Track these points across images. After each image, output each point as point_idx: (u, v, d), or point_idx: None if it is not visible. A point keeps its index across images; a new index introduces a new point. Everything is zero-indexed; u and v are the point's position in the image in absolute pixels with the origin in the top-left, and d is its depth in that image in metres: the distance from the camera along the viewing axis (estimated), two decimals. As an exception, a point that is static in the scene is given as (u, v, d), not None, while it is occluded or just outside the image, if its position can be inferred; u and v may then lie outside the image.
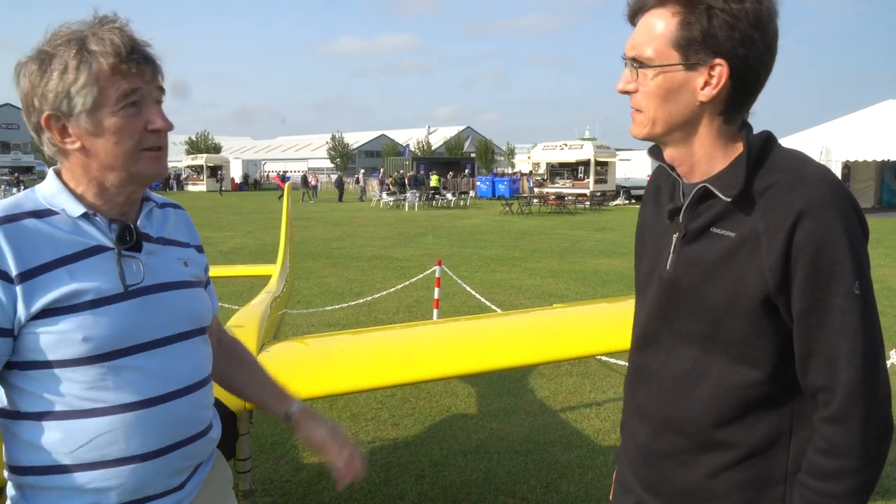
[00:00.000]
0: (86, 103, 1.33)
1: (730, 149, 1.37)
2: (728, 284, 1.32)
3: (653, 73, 1.33)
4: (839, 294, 1.24)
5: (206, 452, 1.57)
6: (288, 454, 4.63)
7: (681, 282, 1.40)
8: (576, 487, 4.12)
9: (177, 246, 1.58)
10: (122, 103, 1.36)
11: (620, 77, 1.40)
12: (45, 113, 1.35)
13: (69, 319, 1.32)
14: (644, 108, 1.37)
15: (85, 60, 1.32)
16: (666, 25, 1.31)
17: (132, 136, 1.38)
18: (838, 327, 1.24)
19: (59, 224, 1.37)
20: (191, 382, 1.48)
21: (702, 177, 1.39)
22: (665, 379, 1.46)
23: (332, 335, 5.59)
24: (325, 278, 11.78)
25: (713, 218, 1.35)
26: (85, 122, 1.35)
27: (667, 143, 1.42)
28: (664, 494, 1.48)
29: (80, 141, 1.37)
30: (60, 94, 1.33)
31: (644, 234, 1.59)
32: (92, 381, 1.35)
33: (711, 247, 1.35)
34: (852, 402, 1.24)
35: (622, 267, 13.05)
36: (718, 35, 1.27)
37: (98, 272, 1.37)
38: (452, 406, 5.58)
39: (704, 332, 1.37)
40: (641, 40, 1.34)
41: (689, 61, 1.30)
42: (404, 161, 51.16)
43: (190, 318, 1.51)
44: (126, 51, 1.34)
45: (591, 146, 35.45)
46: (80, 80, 1.32)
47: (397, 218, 26.20)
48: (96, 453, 1.35)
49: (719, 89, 1.30)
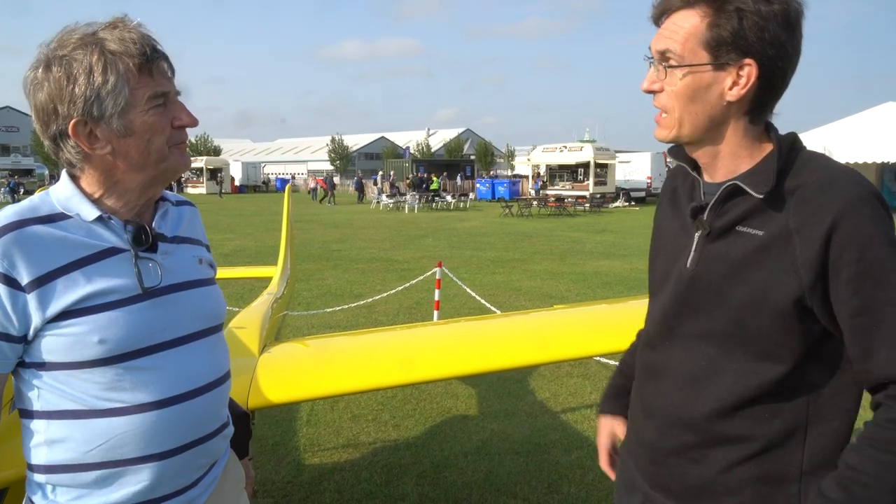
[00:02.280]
0: (117, 104, 1.32)
1: (756, 148, 1.38)
2: (755, 283, 1.31)
3: (681, 72, 1.34)
4: (892, 288, 1.23)
5: (222, 450, 1.58)
6: (289, 455, 4.64)
7: (702, 279, 1.40)
8: (576, 488, 4.12)
9: (191, 244, 1.58)
10: (153, 103, 1.36)
11: (645, 77, 1.41)
12: (74, 119, 1.32)
13: (85, 322, 1.32)
14: (670, 108, 1.38)
15: (111, 63, 1.31)
16: (695, 26, 1.31)
17: (163, 134, 1.39)
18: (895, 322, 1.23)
19: (73, 228, 1.37)
20: (208, 381, 1.49)
21: (726, 176, 1.39)
22: (678, 376, 1.45)
23: (333, 336, 5.60)
24: (326, 280, 11.79)
25: (740, 216, 1.35)
26: (117, 124, 1.34)
27: (692, 145, 1.43)
28: (674, 492, 1.47)
29: (110, 144, 1.36)
30: (90, 98, 1.31)
31: (661, 235, 1.58)
32: (109, 382, 1.35)
33: (737, 245, 1.35)
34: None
35: (622, 269, 13.06)
36: (748, 36, 1.28)
37: (114, 274, 1.37)
38: (453, 407, 5.59)
39: (725, 329, 1.36)
40: (669, 40, 1.35)
41: (719, 61, 1.31)
42: (404, 163, 51.20)
43: (206, 317, 1.52)
44: (150, 50, 1.35)
45: (591, 148, 35.51)
46: (110, 82, 1.31)
47: (397, 220, 26.21)
48: (114, 452, 1.36)
49: (748, 89, 1.31)
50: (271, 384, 2.68)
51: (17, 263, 1.29)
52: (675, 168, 1.59)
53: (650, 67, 1.40)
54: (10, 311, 1.30)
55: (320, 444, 4.84)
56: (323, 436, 4.98)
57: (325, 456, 4.66)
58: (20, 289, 1.29)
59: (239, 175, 54.86)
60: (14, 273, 1.29)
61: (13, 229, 1.31)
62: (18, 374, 1.39)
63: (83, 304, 1.32)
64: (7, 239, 1.30)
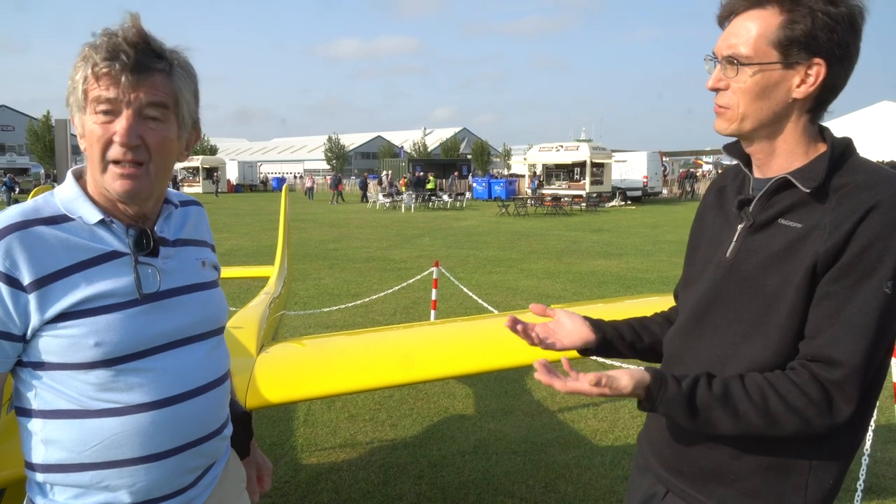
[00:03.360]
0: (77, 102, 1.36)
1: (811, 148, 1.42)
2: (787, 272, 1.35)
3: (751, 70, 1.38)
4: (870, 287, 1.28)
5: (220, 451, 1.58)
6: (286, 455, 4.64)
7: (740, 268, 1.43)
8: (574, 487, 4.13)
9: (195, 245, 1.58)
10: (96, 109, 1.33)
11: (711, 76, 1.45)
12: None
13: (82, 324, 1.33)
14: (734, 104, 1.42)
15: (86, 59, 1.33)
16: (766, 26, 1.36)
17: (98, 144, 1.34)
18: (852, 319, 1.28)
19: (76, 230, 1.37)
20: (205, 382, 1.49)
21: (778, 172, 1.43)
22: (704, 361, 1.48)
23: (331, 336, 5.60)
24: (322, 280, 11.78)
25: (784, 209, 1.39)
26: (77, 121, 1.38)
27: (751, 139, 1.46)
28: (686, 474, 1.50)
29: (83, 139, 1.39)
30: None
31: (703, 228, 1.63)
32: (104, 383, 1.35)
33: (777, 237, 1.39)
34: (845, 396, 1.29)
35: (618, 268, 13.08)
36: (819, 36, 1.32)
37: (113, 278, 1.37)
38: (450, 407, 5.59)
39: (752, 317, 1.40)
40: (739, 40, 1.39)
41: (789, 60, 1.35)
42: (400, 163, 51.19)
43: (205, 321, 1.52)
44: (108, 56, 1.30)
45: (588, 147, 35.50)
46: (75, 77, 1.35)
47: (394, 219, 26.20)
48: (110, 453, 1.37)
49: (815, 87, 1.36)
50: (269, 384, 2.68)
51: (19, 264, 1.30)
52: (728, 168, 1.65)
53: (714, 67, 1.45)
54: (12, 311, 1.30)
55: (317, 444, 4.84)
56: (320, 436, 4.98)
57: (322, 456, 4.66)
58: (22, 289, 1.30)
59: (235, 174, 54.80)
60: (16, 273, 1.29)
61: (17, 230, 1.32)
62: (16, 373, 1.40)
63: (81, 307, 1.33)
64: (10, 239, 1.30)
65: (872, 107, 27.68)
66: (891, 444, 4.41)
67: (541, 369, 1.37)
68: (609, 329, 1.72)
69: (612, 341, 1.71)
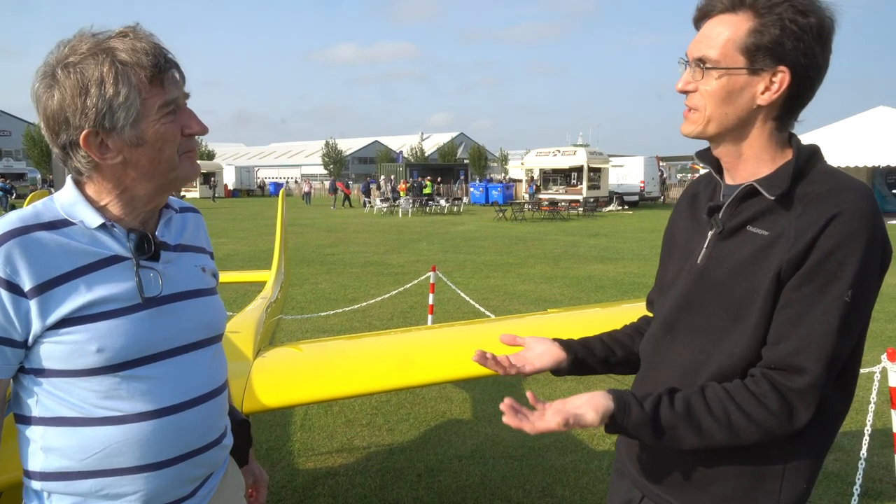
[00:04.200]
0: (129, 116, 1.31)
1: (778, 154, 1.43)
2: (753, 279, 1.36)
3: (717, 74, 1.39)
4: (830, 296, 1.29)
5: (220, 461, 1.57)
6: (283, 460, 4.63)
7: (709, 275, 1.45)
8: (571, 492, 4.13)
9: (194, 252, 1.58)
10: (163, 112, 1.35)
11: (681, 78, 1.46)
12: (86, 131, 1.31)
13: (84, 330, 1.32)
14: (701, 107, 1.43)
15: (122, 73, 1.30)
16: (736, 31, 1.37)
17: (174, 142, 1.39)
18: (813, 327, 1.30)
19: (76, 235, 1.36)
20: (205, 391, 1.48)
21: (746, 178, 1.44)
22: (676, 367, 1.49)
23: (328, 340, 5.60)
24: (320, 284, 11.77)
25: (752, 216, 1.41)
26: (128, 135, 1.33)
27: (717, 142, 1.48)
28: (662, 479, 1.51)
29: (121, 154, 1.35)
30: (102, 110, 1.30)
31: (675, 235, 1.64)
32: (106, 391, 1.35)
33: (745, 244, 1.40)
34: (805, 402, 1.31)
35: (616, 272, 13.09)
36: (786, 44, 1.34)
37: (115, 283, 1.36)
38: (447, 411, 5.59)
39: (724, 325, 1.41)
40: (708, 43, 1.40)
41: (755, 66, 1.36)
42: (397, 167, 51.20)
43: (205, 327, 1.51)
44: (162, 60, 1.34)
45: (584, 152, 35.49)
46: (122, 93, 1.30)
47: (391, 224, 26.20)
48: (111, 461, 1.36)
49: (779, 95, 1.37)
50: (266, 388, 2.68)
51: (19, 269, 1.28)
52: (701, 176, 1.66)
53: (685, 69, 1.46)
54: (14, 317, 1.29)
55: (314, 449, 4.83)
56: (317, 440, 4.97)
57: (319, 460, 4.65)
58: (23, 295, 1.29)
59: (232, 179, 54.77)
60: (17, 279, 1.28)
61: (17, 235, 1.30)
62: (18, 380, 1.39)
63: (83, 312, 1.32)
64: (10, 245, 1.29)
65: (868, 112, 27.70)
66: (887, 448, 4.41)
67: (508, 411, 1.36)
68: (579, 347, 1.71)
69: (583, 359, 1.70)
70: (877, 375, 4.03)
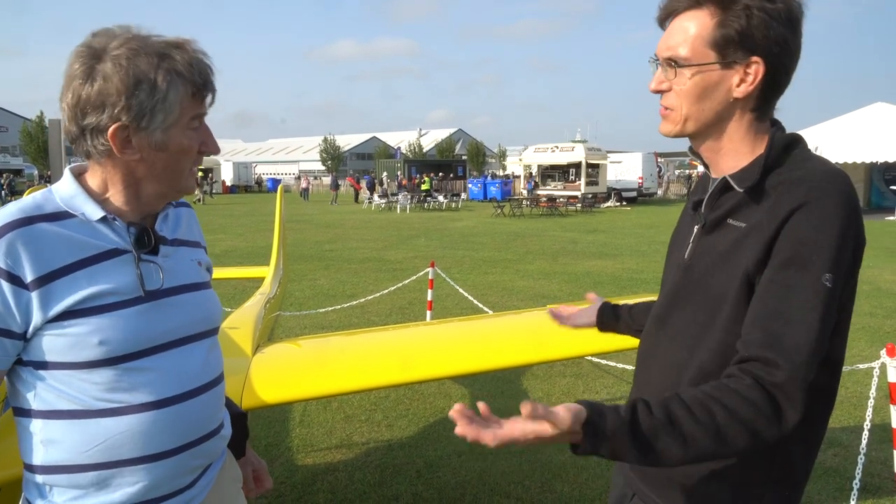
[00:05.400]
0: (166, 121, 1.35)
1: (757, 146, 1.41)
2: (729, 272, 1.34)
3: (690, 72, 1.37)
4: (809, 279, 1.23)
5: (219, 451, 1.58)
6: (282, 456, 4.63)
7: (693, 270, 1.44)
8: (570, 487, 4.13)
9: (190, 246, 1.59)
10: (192, 125, 1.41)
11: (653, 78, 1.44)
12: (119, 123, 1.32)
13: (85, 323, 1.32)
14: (677, 106, 1.41)
15: (174, 82, 1.33)
16: (703, 26, 1.35)
17: (190, 156, 1.43)
18: (794, 308, 1.23)
19: (77, 227, 1.36)
20: (204, 382, 1.49)
21: (726, 171, 1.42)
22: (664, 365, 1.48)
23: (326, 336, 5.60)
24: (318, 280, 11.76)
25: (731, 209, 1.39)
26: (158, 137, 1.36)
27: (696, 139, 1.46)
28: (650, 479, 1.50)
29: (140, 153, 1.36)
30: (146, 109, 1.33)
31: (676, 234, 1.63)
32: (107, 383, 1.35)
33: (724, 237, 1.39)
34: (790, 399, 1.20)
35: (614, 268, 13.10)
36: (755, 34, 1.31)
37: (116, 275, 1.36)
38: (446, 407, 5.58)
39: (704, 321, 1.39)
40: (677, 41, 1.38)
41: (727, 60, 1.34)
42: (395, 163, 51.16)
43: (203, 320, 1.52)
44: (209, 81, 1.41)
45: (583, 148, 35.51)
46: (168, 99, 1.34)
47: (389, 220, 26.19)
48: (111, 453, 1.36)
49: (755, 86, 1.35)
50: (264, 384, 2.68)
51: (21, 261, 1.28)
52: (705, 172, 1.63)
53: (657, 69, 1.44)
54: (14, 309, 1.29)
55: (313, 445, 4.83)
56: (316, 436, 4.97)
57: (318, 456, 4.65)
58: (24, 286, 1.28)
59: (230, 175, 54.72)
60: (18, 270, 1.28)
61: (19, 226, 1.30)
62: (17, 373, 1.38)
63: (84, 305, 1.32)
64: (11, 236, 1.28)
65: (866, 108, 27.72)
66: (885, 443, 4.42)
67: (460, 419, 1.19)
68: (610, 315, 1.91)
69: (618, 312, 1.89)
70: (876, 371, 4.04)
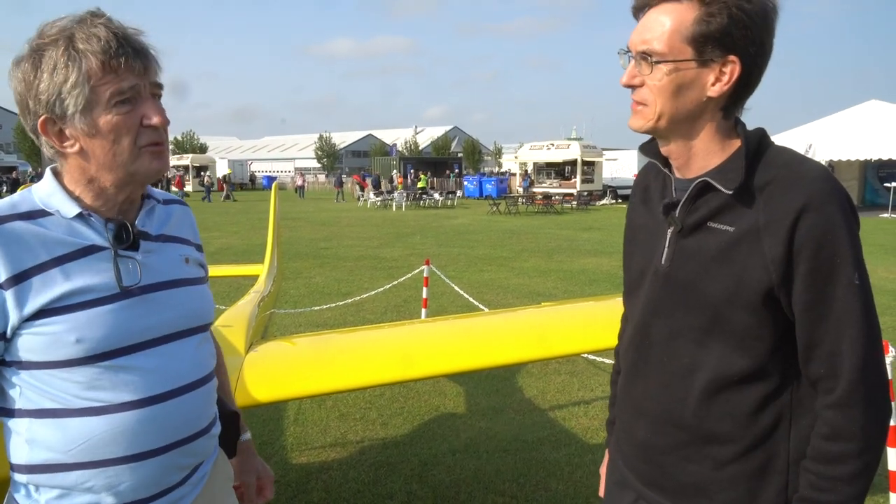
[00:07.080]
0: (78, 104, 1.30)
1: (726, 144, 1.39)
2: (728, 277, 1.33)
3: (666, 68, 1.33)
4: (841, 285, 1.26)
5: (209, 450, 1.56)
6: (276, 454, 4.61)
7: (677, 276, 1.41)
8: (565, 485, 4.13)
9: (178, 243, 1.56)
10: (115, 100, 1.32)
11: (625, 72, 1.40)
12: (42, 117, 1.31)
13: (62, 321, 1.30)
14: (650, 102, 1.37)
15: (73, 59, 1.28)
16: (680, 21, 1.31)
17: (129, 134, 1.34)
18: (840, 317, 1.27)
19: (53, 225, 1.35)
20: (191, 380, 1.47)
21: (698, 171, 1.40)
22: (664, 374, 1.46)
23: (321, 334, 5.58)
24: (313, 278, 11.74)
25: (711, 212, 1.36)
26: (80, 123, 1.31)
27: (667, 138, 1.43)
28: (668, 490, 1.47)
29: (78, 143, 1.34)
30: (52, 96, 1.29)
31: (634, 233, 1.59)
32: (88, 381, 1.33)
33: (709, 241, 1.36)
34: (855, 388, 1.27)
35: (609, 266, 13.10)
36: (734, 33, 1.29)
37: (93, 272, 1.35)
38: (441, 405, 5.58)
39: (702, 325, 1.38)
40: (652, 35, 1.34)
41: (703, 58, 1.31)
42: (391, 161, 51.12)
43: (190, 316, 1.50)
44: (115, 46, 1.29)
45: (578, 146, 35.55)
46: (70, 79, 1.28)
47: (385, 218, 26.16)
48: (95, 452, 1.34)
49: (730, 86, 1.32)
50: (258, 383, 2.66)
51: None
52: (647, 165, 1.59)
53: (628, 62, 1.40)
54: None
55: (308, 443, 4.81)
56: (310, 434, 4.96)
57: (312, 455, 4.64)
58: None
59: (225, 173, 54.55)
60: None
61: None
62: (0, 373, 1.37)
63: (60, 303, 1.30)
64: None
65: (861, 105, 27.80)
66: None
67: None
68: None
69: None
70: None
